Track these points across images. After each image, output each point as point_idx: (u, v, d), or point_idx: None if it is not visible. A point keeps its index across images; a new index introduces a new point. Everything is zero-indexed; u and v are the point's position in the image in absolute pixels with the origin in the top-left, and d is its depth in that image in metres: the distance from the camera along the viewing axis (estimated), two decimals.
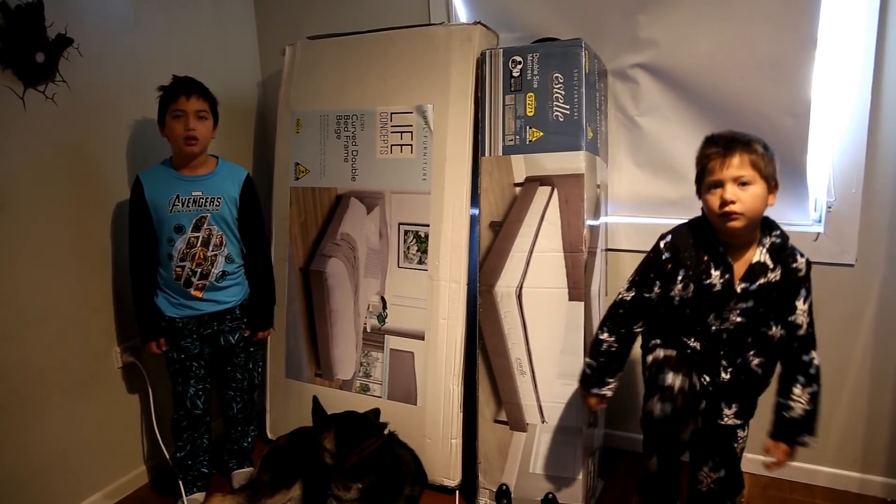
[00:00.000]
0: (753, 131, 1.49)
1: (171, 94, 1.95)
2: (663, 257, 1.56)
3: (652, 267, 1.59)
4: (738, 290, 1.47)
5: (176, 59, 2.30)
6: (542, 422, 1.98)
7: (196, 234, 1.98)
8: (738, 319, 1.50)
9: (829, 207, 1.98)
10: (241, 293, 2.11)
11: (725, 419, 1.56)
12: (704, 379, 1.55)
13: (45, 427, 1.96)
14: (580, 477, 1.94)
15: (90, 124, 2.04)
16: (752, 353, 1.53)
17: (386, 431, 2.04)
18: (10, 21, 1.78)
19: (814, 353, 1.50)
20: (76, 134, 2.01)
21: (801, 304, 1.48)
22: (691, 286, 1.51)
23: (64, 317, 2.00)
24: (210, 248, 2.00)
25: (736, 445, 1.61)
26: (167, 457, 2.17)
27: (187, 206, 1.97)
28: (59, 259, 1.97)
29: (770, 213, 1.50)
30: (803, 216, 2.05)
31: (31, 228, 1.90)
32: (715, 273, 1.48)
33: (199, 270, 1.99)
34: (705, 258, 1.50)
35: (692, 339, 1.55)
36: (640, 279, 1.60)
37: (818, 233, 2.00)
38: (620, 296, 1.64)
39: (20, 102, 1.84)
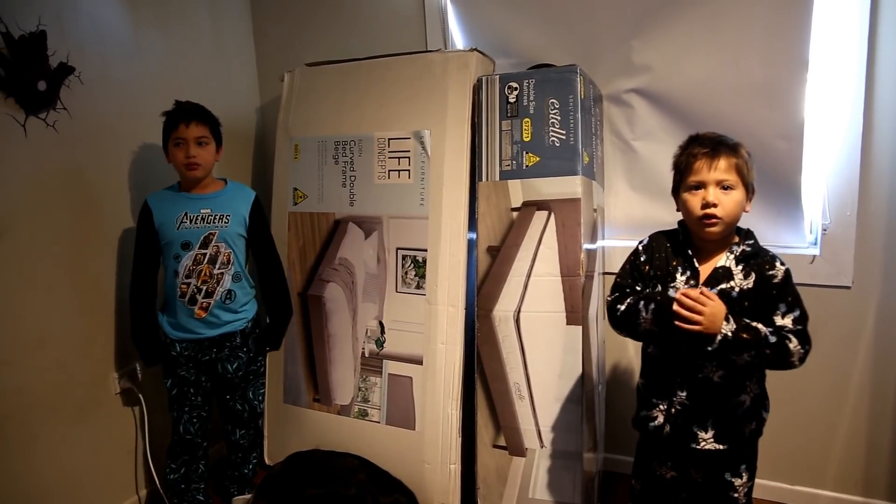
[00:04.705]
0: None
1: (171, 122, 1.96)
2: (641, 259, 1.56)
3: (632, 269, 1.56)
4: None
5: (176, 86, 2.32)
6: (541, 446, 1.97)
7: (203, 251, 1.98)
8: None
9: (825, 230, 1.99)
10: (245, 319, 2.10)
11: (703, 443, 1.47)
12: (660, 406, 1.50)
13: (40, 454, 1.94)
14: (580, 502, 1.92)
15: (91, 151, 2.06)
16: (713, 364, 1.43)
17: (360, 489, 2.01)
18: (14, 50, 1.80)
19: (795, 339, 1.37)
20: (77, 161, 2.02)
21: (779, 319, 1.38)
22: (658, 289, 1.49)
23: (61, 342, 1.99)
24: (217, 266, 2.00)
25: (735, 496, 1.51)
26: (159, 487, 2.15)
27: (195, 223, 1.98)
28: (58, 285, 1.98)
29: (766, 235, 1.49)
30: (799, 239, 2.06)
31: (31, 254, 1.90)
32: (681, 278, 1.46)
33: (205, 288, 1.99)
34: (674, 263, 1.49)
35: (653, 349, 1.52)
36: (622, 282, 1.56)
37: (814, 255, 2.01)
38: (609, 300, 1.58)
39: (21, 130, 1.85)
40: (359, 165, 2.24)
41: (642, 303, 1.46)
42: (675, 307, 1.36)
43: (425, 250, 2.13)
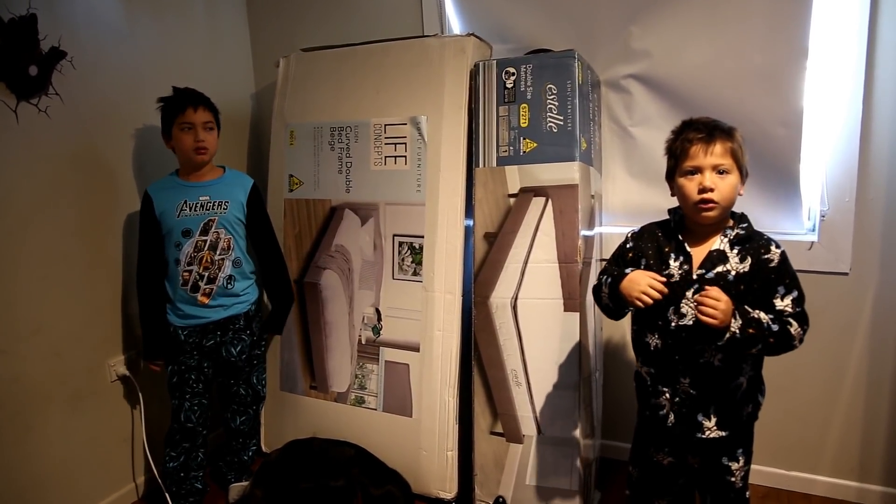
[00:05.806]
0: (746, 140, 1.48)
1: (177, 107, 1.96)
2: (627, 246, 1.57)
3: (619, 256, 1.58)
4: (695, 276, 1.43)
5: (170, 72, 2.30)
6: (539, 433, 1.97)
7: (204, 238, 1.99)
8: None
9: (823, 216, 1.99)
10: (247, 302, 2.11)
11: (707, 432, 1.47)
12: (666, 394, 1.50)
13: (36, 443, 1.94)
14: (577, 488, 1.93)
15: (84, 137, 2.04)
16: (713, 348, 1.42)
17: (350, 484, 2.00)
18: (4, 34, 1.78)
19: (795, 322, 1.39)
20: (70, 147, 2.00)
21: (779, 302, 1.40)
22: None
23: (57, 330, 1.98)
24: (217, 252, 2.00)
25: (732, 479, 1.52)
26: (156, 474, 2.15)
27: (195, 210, 1.98)
28: (53, 272, 1.96)
29: (765, 221, 1.49)
30: (797, 225, 2.05)
31: (26, 241, 1.89)
32: (674, 264, 1.46)
33: (207, 275, 1.99)
34: (667, 249, 1.49)
35: (654, 336, 1.50)
36: (608, 267, 1.57)
37: (812, 242, 2.01)
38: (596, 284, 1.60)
39: (13, 115, 1.83)
40: (355, 152, 2.23)
41: (605, 277, 1.52)
42: (697, 300, 1.37)
43: (422, 237, 2.12)
